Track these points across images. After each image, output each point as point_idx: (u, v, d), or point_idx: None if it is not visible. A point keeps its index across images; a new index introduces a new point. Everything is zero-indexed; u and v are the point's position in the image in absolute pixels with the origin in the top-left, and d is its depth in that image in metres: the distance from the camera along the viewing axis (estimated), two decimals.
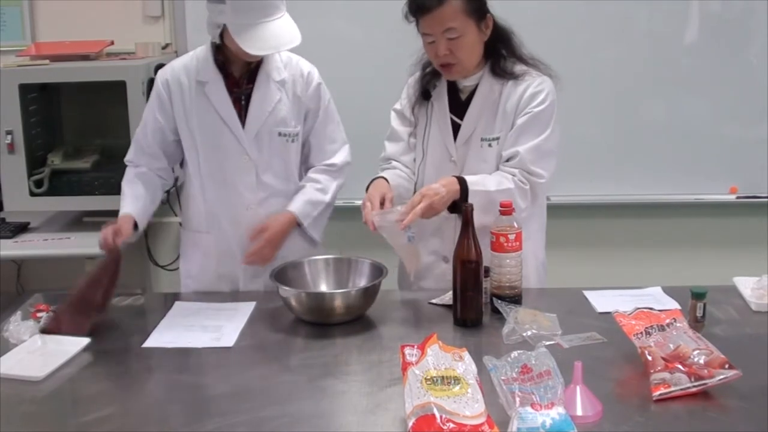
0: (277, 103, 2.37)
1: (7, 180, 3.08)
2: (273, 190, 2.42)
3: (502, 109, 2.27)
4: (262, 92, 2.36)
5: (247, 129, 2.36)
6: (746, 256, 3.20)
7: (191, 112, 2.35)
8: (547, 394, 1.51)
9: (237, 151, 2.37)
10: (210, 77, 2.34)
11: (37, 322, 2.08)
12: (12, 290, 3.37)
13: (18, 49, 3.33)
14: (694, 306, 2.00)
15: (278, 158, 2.41)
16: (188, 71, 2.36)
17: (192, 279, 2.49)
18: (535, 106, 2.24)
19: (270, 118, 2.37)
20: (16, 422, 1.66)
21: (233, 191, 2.39)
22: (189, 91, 2.35)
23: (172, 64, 2.42)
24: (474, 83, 2.30)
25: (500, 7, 2.30)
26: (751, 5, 3.33)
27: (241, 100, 2.36)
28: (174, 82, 2.36)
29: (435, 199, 2.12)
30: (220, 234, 2.43)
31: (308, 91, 2.43)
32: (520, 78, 2.27)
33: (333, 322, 2.09)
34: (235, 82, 2.36)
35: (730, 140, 3.44)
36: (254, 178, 2.39)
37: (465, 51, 2.22)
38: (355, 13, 3.32)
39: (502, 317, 2.03)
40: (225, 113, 2.34)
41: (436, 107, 2.35)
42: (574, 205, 3.48)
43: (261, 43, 2.18)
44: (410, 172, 2.43)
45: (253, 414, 1.66)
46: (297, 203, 2.41)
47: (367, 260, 2.28)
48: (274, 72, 2.38)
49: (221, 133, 2.35)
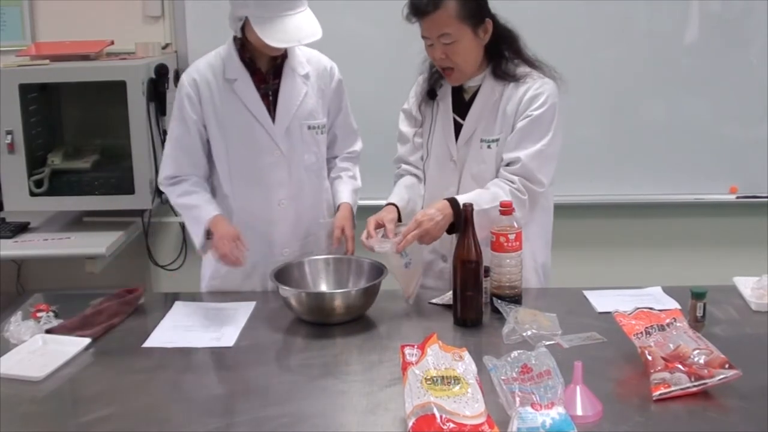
0: (304, 97, 2.38)
1: (7, 180, 3.07)
2: (304, 186, 2.43)
3: (502, 110, 2.28)
4: (289, 86, 2.37)
5: (277, 124, 2.36)
6: (746, 256, 3.20)
7: (221, 110, 2.34)
8: (547, 394, 1.51)
9: (269, 147, 2.36)
10: (238, 74, 2.33)
11: (37, 322, 2.08)
12: (12, 290, 3.36)
13: (18, 49, 3.32)
14: (694, 306, 2.00)
15: (308, 152, 2.42)
16: (214, 70, 2.35)
17: (221, 279, 2.44)
18: (534, 109, 2.24)
19: (299, 111, 2.38)
20: (16, 422, 1.66)
21: (265, 188, 2.39)
22: (217, 89, 2.34)
23: (196, 64, 2.40)
24: (478, 84, 2.31)
25: (501, 7, 2.30)
26: (751, 5, 3.33)
27: (269, 96, 2.36)
28: (202, 81, 2.34)
29: (430, 226, 2.14)
30: (252, 233, 2.37)
31: (332, 85, 2.46)
32: (521, 80, 2.27)
33: (333, 322, 2.09)
34: (261, 78, 2.36)
35: (730, 140, 3.44)
36: (286, 173, 2.39)
37: (461, 56, 2.22)
38: (366, 11, 3.31)
39: (502, 317, 2.03)
40: (255, 109, 2.34)
41: (441, 107, 2.37)
42: (574, 205, 3.48)
43: (283, 35, 2.18)
44: (420, 171, 2.46)
45: (253, 414, 1.66)
46: (346, 193, 2.47)
47: (367, 260, 2.28)
48: (298, 66, 2.39)
49: (252, 129, 2.35)
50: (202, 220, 2.30)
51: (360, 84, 2.61)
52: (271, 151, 2.36)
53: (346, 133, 2.53)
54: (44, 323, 2.09)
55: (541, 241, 2.42)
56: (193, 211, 2.34)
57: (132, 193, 3.08)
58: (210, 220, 2.29)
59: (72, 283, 3.18)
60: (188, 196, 2.36)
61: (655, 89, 3.42)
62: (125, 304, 2.20)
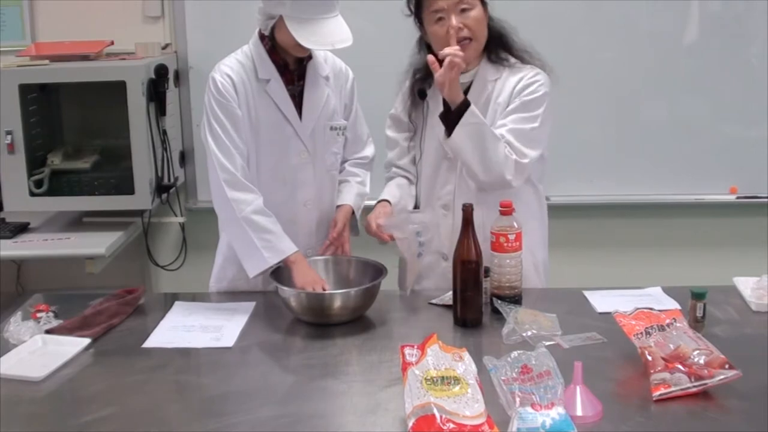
0: (327, 98, 2.40)
1: (7, 180, 3.07)
2: (326, 187, 2.44)
3: (494, 101, 2.31)
4: (313, 88, 2.37)
5: (303, 124, 2.36)
6: (746, 256, 3.20)
7: (255, 110, 2.32)
8: (547, 394, 1.51)
9: (297, 148, 2.36)
10: (270, 74, 2.33)
11: (36, 323, 2.08)
12: (12, 290, 3.37)
13: (18, 49, 3.32)
14: (694, 306, 2.00)
15: (330, 153, 2.43)
16: (246, 70, 2.32)
17: (244, 280, 2.37)
18: (526, 95, 2.27)
19: (323, 112, 2.39)
20: (16, 422, 1.66)
21: (292, 188, 2.39)
22: (251, 89, 2.32)
23: (227, 64, 2.33)
24: (469, 80, 2.32)
25: (501, 7, 2.31)
26: (751, 5, 3.33)
27: (295, 96, 2.37)
28: (238, 81, 2.31)
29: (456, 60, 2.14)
30: None
31: (347, 87, 2.47)
32: (514, 69, 2.31)
33: (332, 323, 2.09)
34: (289, 79, 2.36)
35: (730, 140, 3.43)
36: (312, 174, 2.40)
37: (477, 24, 2.26)
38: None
39: (502, 317, 2.03)
40: (286, 110, 2.34)
41: (431, 106, 2.38)
42: (574, 205, 3.48)
43: (317, 38, 2.18)
44: (410, 174, 2.48)
45: (253, 414, 1.66)
46: (350, 196, 2.47)
47: (367, 260, 2.28)
48: (320, 68, 2.40)
49: (283, 129, 2.35)
50: (280, 250, 2.23)
51: (367, 86, 2.61)
52: (298, 152, 2.37)
53: (355, 136, 2.53)
54: (44, 323, 2.09)
55: (538, 238, 2.43)
56: (267, 236, 2.24)
57: (132, 194, 3.08)
58: (290, 256, 2.22)
59: (72, 283, 3.18)
60: (264, 217, 2.25)
61: (655, 89, 3.42)
62: (125, 304, 2.20)
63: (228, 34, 2.35)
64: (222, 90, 2.27)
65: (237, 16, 3.22)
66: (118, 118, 3.05)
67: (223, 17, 3.36)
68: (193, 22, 3.40)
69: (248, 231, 2.23)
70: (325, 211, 2.45)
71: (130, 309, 2.20)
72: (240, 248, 2.28)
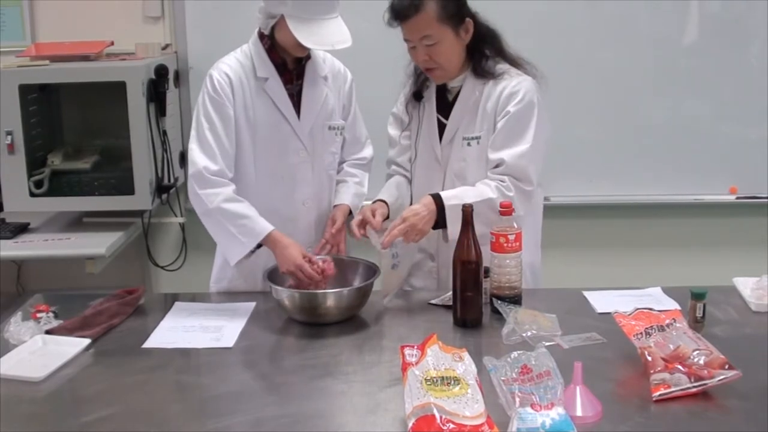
0: (325, 98, 2.40)
1: (7, 180, 3.07)
2: (324, 186, 2.45)
3: (482, 108, 2.31)
4: (312, 87, 2.38)
5: (302, 123, 2.37)
6: (746, 256, 3.20)
7: (253, 109, 2.33)
8: (547, 394, 1.51)
9: (295, 147, 2.37)
10: (269, 73, 2.33)
11: (37, 323, 2.08)
12: (12, 290, 3.37)
13: (18, 50, 3.32)
14: (693, 306, 2.00)
15: (328, 152, 2.44)
16: (245, 69, 2.33)
17: (243, 280, 2.42)
18: (512, 105, 2.25)
19: (321, 111, 2.40)
20: (16, 422, 1.66)
21: (291, 187, 2.39)
22: (249, 88, 2.33)
23: (226, 62, 2.34)
24: (460, 84, 2.33)
25: (501, 8, 2.30)
26: (751, 5, 3.33)
27: (294, 96, 2.37)
28: (236, 79, 2.31)
29: (415, 220, 2.16)
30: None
31: (345, 87, 2.48)
32: (499, 77, 2.29)
33: (325, 322, 2.10)
34: (288, 78, 2.36)
35: (730, 140, 3.44)
36: (310, 173, 2.41)
37: (443, 57, 2.25)
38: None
39: (502, 317, 2.03)
40: (285, 109, 2.35)
41: (426, 108, 2.40)
42: (573, 205, 3.48)
43: (317, 38, 2.19)
44: (409, 172, 2.49)
45: (253, 414, 1.66)
46: (348, 196, 2.47)
47: (360, 260, 2.28)
48: (319, 68, 2.40)
49: (281, 128, 2.35)
50: (256, 233, 2.23)
51: (364, 87, 2.61)
52: (297, 151, 2.38)
53: (354, 137, 2.53)
54: (44, 324, 2.09)
55: (529, 241, 2.41)
56: (241, 221, 2.24)
57: (132, 194, 3.08)
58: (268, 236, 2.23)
59: (72, 283, 3.18)
60: (236, 203, 2.26)
61: (656, 89, 3.42)
62: (125, 304, 2.20)
63: (228, 34, 2.35)
64: (218, 88, 2.28)
65: (237, 17, 3.23)
66: (118, 118, 3.05)
67: (223, 17, 3.36)
68: (193, 23, 3.40)
69: (222, 220, 2.25)
70: (324, 210, 2.46)
71: (130, 309, 2.21)
72: (219, 239, 2.32)
